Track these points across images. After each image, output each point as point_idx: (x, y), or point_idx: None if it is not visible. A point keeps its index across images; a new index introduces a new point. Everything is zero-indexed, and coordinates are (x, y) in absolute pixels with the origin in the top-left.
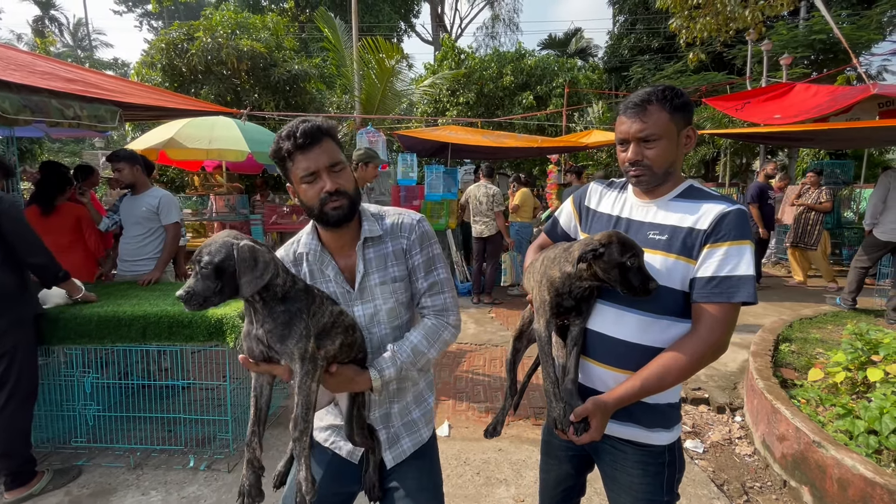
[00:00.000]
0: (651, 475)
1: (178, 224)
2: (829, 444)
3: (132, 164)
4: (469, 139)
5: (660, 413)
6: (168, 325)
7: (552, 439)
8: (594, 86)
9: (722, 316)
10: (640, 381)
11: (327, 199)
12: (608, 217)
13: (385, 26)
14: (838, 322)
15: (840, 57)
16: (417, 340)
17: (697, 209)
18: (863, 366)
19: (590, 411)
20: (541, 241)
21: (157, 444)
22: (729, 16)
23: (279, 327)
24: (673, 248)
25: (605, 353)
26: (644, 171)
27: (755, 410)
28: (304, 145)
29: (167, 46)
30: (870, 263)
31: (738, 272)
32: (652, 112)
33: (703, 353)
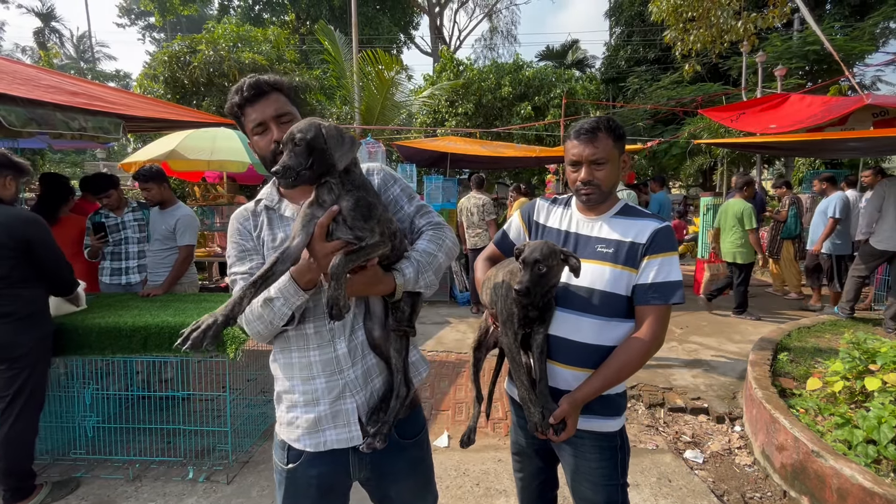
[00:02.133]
0: (607, 459)
1: (190, 247)
2: (827, 454)
3: (160, 183)
4: (468, 149)
5: (612, 402)
6: (169, 335)
7: (519, 438)
8: (591, 96)
9: (660, 315)
10: (602, 378)
11: (277, 149)
12: (557, 231)
13: (384, 38)
14: (836, 331)
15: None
16: (424, 245)
17: (635, 226)
18: (860, 375)
19: (566, 412)
20: (490, 253)
21: (156, 455)
22: (722, 28)
23: (361, 208)
24: (619, 259)
25: (566, 355)
26: (594, 190)
27: (754, 420)
28: (250, 98)
29: (170, 59)
30: (867, 272)
31: (671, 278)
32: (601, 139)
33: (649, 349)
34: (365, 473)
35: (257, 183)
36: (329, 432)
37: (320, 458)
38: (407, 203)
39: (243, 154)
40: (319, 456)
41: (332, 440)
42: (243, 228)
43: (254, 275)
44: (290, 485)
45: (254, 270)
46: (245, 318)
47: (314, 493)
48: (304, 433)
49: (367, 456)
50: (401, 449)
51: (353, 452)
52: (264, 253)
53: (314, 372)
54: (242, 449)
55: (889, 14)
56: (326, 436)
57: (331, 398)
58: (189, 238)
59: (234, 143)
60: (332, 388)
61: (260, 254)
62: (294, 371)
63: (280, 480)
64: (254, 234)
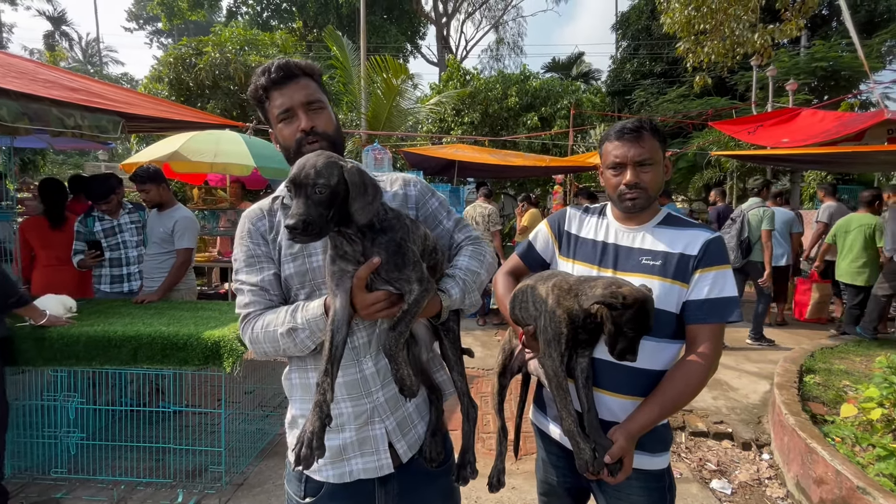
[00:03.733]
0: (656, 501)
1: (189, 250)
2: (875, 491)
3: (158, 184)
4: (476, 157)
5: (659, 435)
6: (161, 347)
7: (548, 477)
8: (597, 108)
9: (716, 335)
10: (659, 406)
11: (303, 139)
12: (594, 243)
13: (391, 47)
14: (861, 352)
15: (841, 84)
16: (467, 262)
17: (684, 236)
18: None
19: (624, 449)
20: (512, 266)
21: (143, 475)
22: (737, 40)
23: (392, 256)
24: (668, 273)
25: (611, 381)
26: (640, 194)
27: (786, 448)
28: (278, 80)
29: (175, 61)
30: (891, 291)
31: (727, 293)
32: (647, 138)
33: (707, 372)
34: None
35: (262, 188)
36: (355, 461)
37: (344, 491)
38: (446, 218)
39: (248, 157)
40: (343, 488)
41: (359, 469)
42: (255, 230)
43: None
44: None
45: (265, 284)
46: (252, 338)
47: None
48: (326, 462)
49: (395, 487)
50: (432, 479)
51: (378, 483)
52: (281, 259)
53: (338, 395)
54: (237, 469)
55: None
56: (352, 465)
57: (358, 423)
58: (188, 241)
59: (238, 146)
60: (359, 412)
61: (271, 260)
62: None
63: None
64: (269, 236)
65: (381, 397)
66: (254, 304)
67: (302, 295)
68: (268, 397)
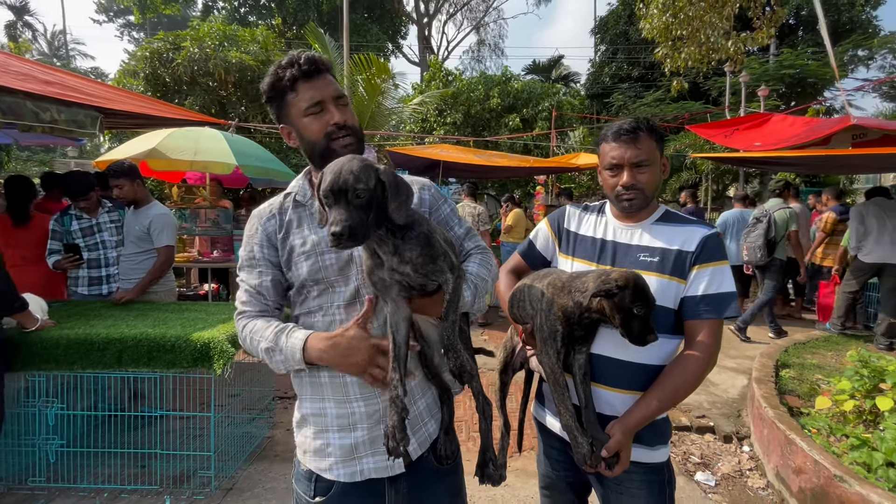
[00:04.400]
0: (655, 494)
1: (169, 248)
2: (851, 479)
3: (133, 180)
4: (461, 157)
5: (658, 429)
6: (148, 349)
7: (549, 471)
8: (576, 111)
9: (714, 330)
10: (657, 400)
11: (335, 132)
12: (592, 239)
13: (373, 46)
14: (831, 347)
15: (807, 91)
16: (476, 269)
17: (681, 233)
18: (869, 394)
19: (621, 443)
20: (514, 265)
21: (127, 482)
22: (712, 47)
23: (425, 249)
24: (665, 269)
25: (610, 376)
26: (637, 195)
27: (766, 440)
28: (309, 73)
29: (151, 55)
30: (857, 287)
31: (724, 289)
32: (643, 139)
33: (705, 367)
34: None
35: (242, 186)
36: (367, 460)
37: (355, 490)
38: (457, 225)
39: (229, 155)
40: (354, 487)
41: (370, 469)
42: (262, 232)
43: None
44: None
45: (262, 289)
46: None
47: None
48: (337, 461)
49: (405, 485)
50: (440, 476)
51: (388, 482)
52: (293, 259)
53: (350, 394)
54: (225, 474)
55: (858, 43)
56: (363, 464)
57: (370, 423)
58: (167, 238)
59: (219, 144)
60: (371, 412)
61: (271, 266)
62: (325, 391)
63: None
64: (277, 236)
65: None
66: (249, 305)
67: (315, 292)
68: (254, 400)
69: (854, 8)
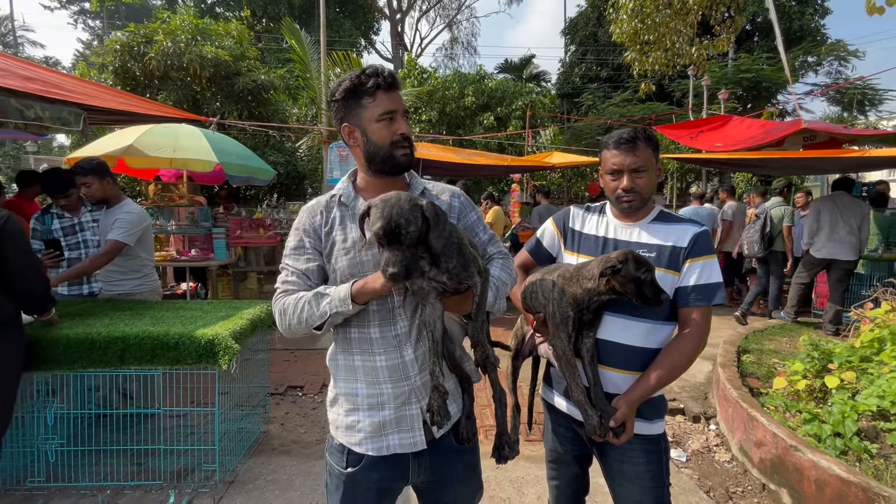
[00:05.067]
0: (654, 462)
1: (115, 243)
2: (805, 448)
3: (102, 178)
4: (441, 155)
5: (656, 405)
6: (151, 347)
7: (556, 446)
8: (547, 110)
9: (705, 316)
10: (656, 378)
11: (400, 141)
12: (595, 238)
13: (345, 42)
14: (786, 334)
15: (763, 94)
16: (498, 273)
17: (675, 230)
18: (819, 374)
19: (626, 415)
20: (523, 260)
21: (129, 479)
22: (677, 52)
23: (459, 259)
24: (661, 263)
25: (615, 358)
26: (635, 197)
27: (730, 419)
28: (390, 85)
29: (121, 48)
30: (809, 279)
31: (713, 280)
32: (641, 147)
33: (697, 348)
34: (423, 477)
35: (219, 183)
36: (392, 437)
37: (382, 463)
38: (482, 231)
39: (209, 153)
40: (381, 460)
41: (396, 445)
42: (310, 225)
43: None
44: (348, 489)
45: (308, 272)
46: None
47: (373, 497)
48: (366, 437)
49: (427, 460)
50: (458, 454)
51: (413, 457)
52: (335, 252)
53: (380, 377)
54: (226, 468)
55: (808, 50)
56: (390, 440)
57: (397, 403)
58: (121, 234)
59: (199, 142)
60: (398, 393)
61: (318, 254)
62: (357, 374)
63: (337, 484)
64: (322, 231)
65: (419, 381)
66: (293, 284)
67: None
68: (245, 397)
69: (804, 17)
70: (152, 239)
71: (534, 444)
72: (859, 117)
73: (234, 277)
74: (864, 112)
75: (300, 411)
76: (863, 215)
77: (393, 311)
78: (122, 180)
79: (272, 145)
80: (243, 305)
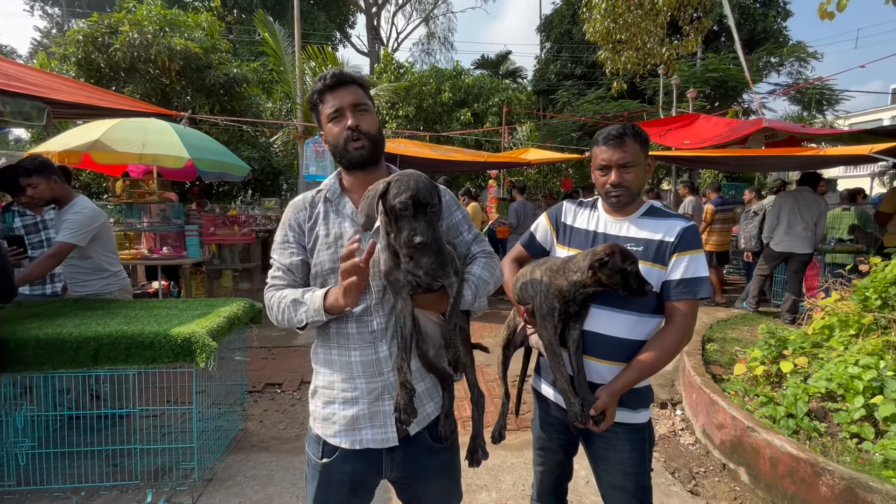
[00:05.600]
0: (637, 450)
1: (63, 244)
2: (760, 429)
3: (47, 177)
4: (418, 152)
5: (641, 395)
6: (126, 346)
7: (544, 434)
8: (523, 106)
9: (690, 309)
10: (638, 369)
11: (349, 136)
12: (586, 232)
13: (320, 35)
14: (747, 323)
15: (729, 93)
16: (480, 272)
17: (663, 225)
18: (775, 360)
19: (607, 404)
20: (517, 254)
21: (104, 480)
22: (648, 52)
23: (437, 256)
24: (649, 257)
25: (600, 349)
26: (623, 192)
27: (694, 404)
28: (332, 85)
29: (85, 39)
30: (769, 271)
31: (699, 274)
32: (629, 143)
33: (680, 340)
34: (397, 473)
35: (191, 179)
36: (366, 431)
37: (355, 456)
38: (466, 230)
39: (181, 148)
40: (355, 453)
41: (368, 440)
42: (294, 220)
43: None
44: (323, 479)
45: (292, 266)
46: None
47: (346, 488)
48: (340, 430)
49: (400, 456)
50: (433, 452)
51: (386, 452)
52: (317, 247)
53: (355, 372)
54: (205, 466)
55: (771, 51)
56: (363, 434)
57: (370, 399)
58: (69, 235)
59: (169, 137)
60: (371, 389)
61: (302, 249)
62: (334, 367)
63: (313, 474)
64: (306, 226)
65: (392, 377)
66: (280, 279)
67: (332, 280)
68: (222, 395)
69: (767, 18)
70: (112, 237)
71: (510, 434)
72: (818, 116)
73: (209, 275)
74: (822, 111)
75: (279, 408)
76: (819, 212)
77: (370, 307)
78: (88, 176)
79: (246, 140)
80: (219, 303)
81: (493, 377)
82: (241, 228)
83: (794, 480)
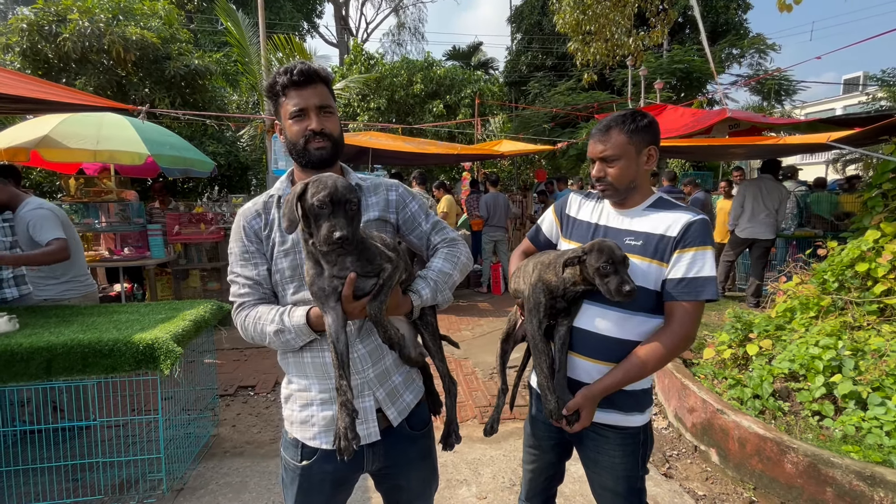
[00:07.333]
0: (629, 454)
1: (60, 241)
2: (729, 411)
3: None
4: (390, 144)
5: (635, 399)
6: (82, 355)
7: (537, 432)
8: (495, 98)
9: (691, 312)
10: (623, 371)
11: (311, 137)
12: (587, 224)
13: (287, 24)
14: (713, 308)
15: (694, 84)
16: (440, 264)
17: (668, 218)
18: (742, 343)
19: (580, 404)
20: (524, 247)
21: (64, 497)
22: (616, 43)
23: (362, 254)
24: (647, 252)
25: (588, 348)
26: (607, 187)
27: (666, 389)
28: (298, 82)
29: (30, 27)
30: (734, 257)
31: (704, 273)
32: (612, 136)
33: (676, 345)
34: (377, 465)
35: (153, 176)
36: None
37: (336, 454)
38: (424, 220)
39: (139, 144)
40: (335, 452)
41: None
42: (249, 228)
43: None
44: (304, 481)
45: (260, 278)
46: (243, 326)
47: (328, 487)
48: (320, 431)
49: (381, 449)
50: (412, 440)
51: (367, 447)
52: (274, 255)
53: (330, 372)
54: (175, 475)
55: (732, 42)
56: None
57: None
58: (50, 231)
59: (126, 132)
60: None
61: (265, 257)
62: (308, 370)
63: (293, 478)
64: (262, 233)
65: (371, 373)
66: (248, 296)
67: (291, 288)
68: (191, 401)
69: (728, 11)
70: (76, 236)
71: None
72: (776, 106)
73: (175, 276)
74: (780, 101)
75: (252, 411)
76: (780, 199)
77: None
78: (39, 174)
79: (210, 135)
80: (185, 306)
81: (470, 370)
82: (208, 226)
83: (762, 459)
